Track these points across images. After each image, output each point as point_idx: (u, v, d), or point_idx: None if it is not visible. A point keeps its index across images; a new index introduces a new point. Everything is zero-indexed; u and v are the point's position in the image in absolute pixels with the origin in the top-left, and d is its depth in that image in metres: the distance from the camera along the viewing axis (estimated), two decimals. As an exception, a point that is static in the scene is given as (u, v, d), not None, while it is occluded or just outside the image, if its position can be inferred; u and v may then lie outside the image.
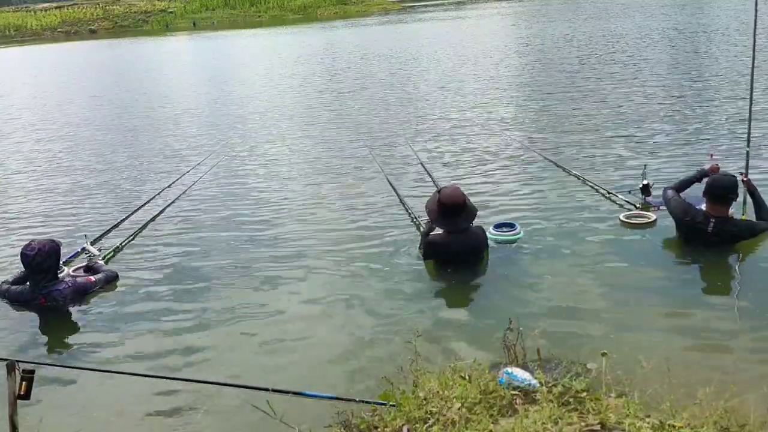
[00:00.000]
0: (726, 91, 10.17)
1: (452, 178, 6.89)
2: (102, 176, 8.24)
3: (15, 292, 4.63)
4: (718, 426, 2.60)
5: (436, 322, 4.02)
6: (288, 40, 31.33)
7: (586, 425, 2.63)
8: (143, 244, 5.72)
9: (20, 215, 6.91)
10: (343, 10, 49.38)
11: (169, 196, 6.91)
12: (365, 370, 3.50)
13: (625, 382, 2.90)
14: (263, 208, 6.46)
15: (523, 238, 5.08)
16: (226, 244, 5.58)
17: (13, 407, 2.55)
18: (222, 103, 13.82)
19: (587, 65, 14.08)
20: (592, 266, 4.60)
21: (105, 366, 3.79)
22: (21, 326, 4.40)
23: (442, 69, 15.80)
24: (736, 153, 6.79)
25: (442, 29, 28.44)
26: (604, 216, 5.46)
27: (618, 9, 27.36)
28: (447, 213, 4.60)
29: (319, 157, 8.31)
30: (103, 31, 49.69)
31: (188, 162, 8.47)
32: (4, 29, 49.82)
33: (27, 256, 4.47)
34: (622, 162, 7.00)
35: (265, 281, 4.80)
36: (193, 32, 41.54)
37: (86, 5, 54.61)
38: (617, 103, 10.03)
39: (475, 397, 2.84)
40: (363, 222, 5.80)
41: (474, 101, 11.31)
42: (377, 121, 10.37)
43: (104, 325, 4.31)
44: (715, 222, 4.54)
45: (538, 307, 4.07)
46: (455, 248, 4.64)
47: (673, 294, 4.17)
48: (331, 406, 3.01)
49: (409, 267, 4.81)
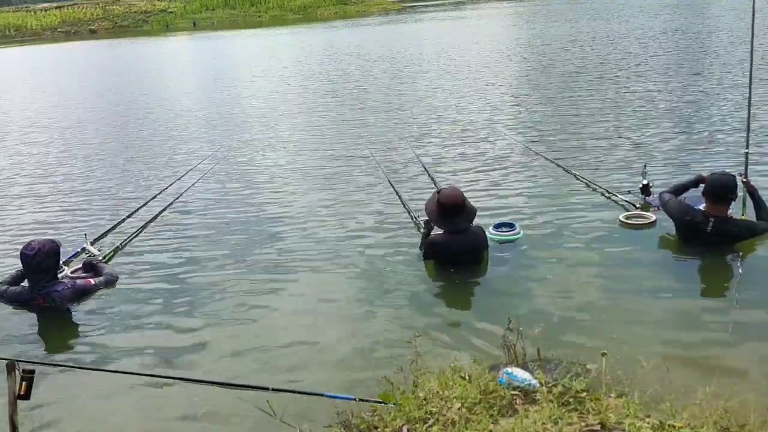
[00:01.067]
0: (726, 91, 10.16)
1: (452, 178, 6.89)
2: (102, 176, 8.24)
3: (14, 293, 4.60)
4: (718, 426, 2.60)
5: (436, 322, 4.02)
6: (288, 40, 31.34)
7: (586, 425, 2.63)
8: (143, 244, 5.72)
9: (20, 215, 6.91)
10: (343, 10, 49.41)
11: (170, 196, 6.90)
12: (365, 370, 3.50)
13: (625, 382, 2.90)
14: (263, 208, 6.46)
15: (523, 238, 5.08)
16: (226, 244, 5.58)
17: (13, 407, 2.55)
18: (222, 103, 13.82)
19: (587, 65, 14.08)
20: (592, 266, 4.61)
21: (105, 366, 3.79)
22: (21, 326, 4.40)
23: (442, 69, 15.80)
24: (733, 151, 6.81)
25: (442, 29, 28.46)
26: (604, 216, 5.46)
27: (618, 10, 27.36)
28: (446, 213, 4.61)
29: (319, 158, 8.31)
30: (103, 31, 49.72)
31: (188, 162, 8.47)
32: (4, 29, 49.84)
33: (27, 255, 4.44)
34: (622, 162, 6.99)
35: (265, 281, 4.80)
36: (193, 32, 41.54)
37: (86, 5, 54.63)
38: (618, 103, 10.03)
39: (475, 397, 2.84)
40: (363, 222, 5.80)
41: (474, 101, 11.31)
42: (378, 121, 10.37)
43: (104, 325, 4.31)
44: (714, 221, 4.54)
45: (538, 307, 4.07)
46: (455, 248, 4.64)
47: (672, 294, 4.17)
48: (331, 406, 3.01)
49: (409, 267, 4.81)
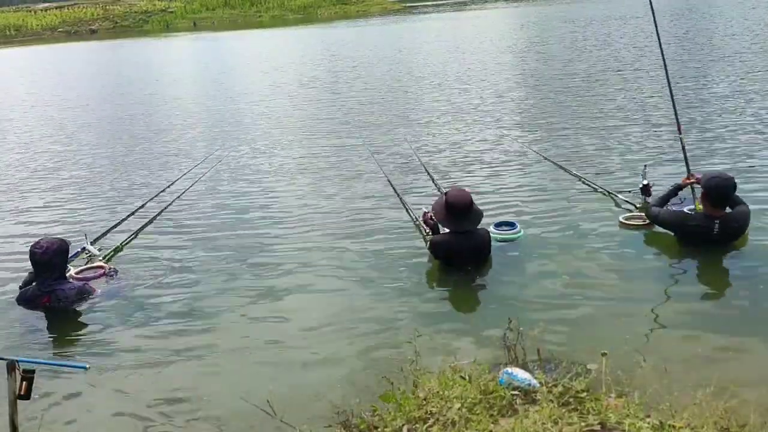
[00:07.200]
0: (727, 92, 10.16)
1: (453, 177, 6.89)
2: (102, 176, 8.24)
3: (20, 292, 4.68)
4: (718, 426, 2.60)
5: (436, 322, 4.02)
6: (288, 40, 31.33)
7: (586, 425, 2.63)
8: (143, 244, 5.72)
9: (21, 215, 6.90)
10: (344, 10, 49.35)
11: (170, 196, 6.90)
12: (365, 370, 3.50)
13: (625, 382, 2.90)
14: (263, 208, 6.46)
15: (523, 238, 5.09)
16: (226, 244, 5.58)
17: (13, 407, 2.55)
18: (222, 104, 13.81)
19: (588, 66, 14.07)
20: (592, 266, 4.61)
21: (105, 366, 3.79)
22: (21, 326, 4.41)
23: (442, 69, 15.79)
24: (730, 151, 6.83)
25: (442, 30, 28.44)
26: (604, 216, 5.46)
27: (619, 10, 27.35)
28: (453, 213, 4.63)
29: (319, 158, 8.30)
30: (104, 31, 49.66)
31: (188, 162, 8.47)
32: (5, 29, 49.77)
33: (35, 253, 4.52)
34: (622, 162, 6.99)
35: (265, 281, 4.80)
36: (193, 32, 41.53)
37: (86, 5, 54.54)
38: (618, 103, 10.02)
39: (475, 397, 2.84)
40: (363, 222, 5.80)
41: (474, 101, 11.30)
42: (377, 121, 10.36)
43: (104, 325, 4.31)
44: (719, 222, 4.55)
45: (538, 307, 4.08)
46: (458, 248, 4.65)
47: (672, 294, 4.18)
48: (331, 406, 3.02)
49: (409, 267, 4.82)
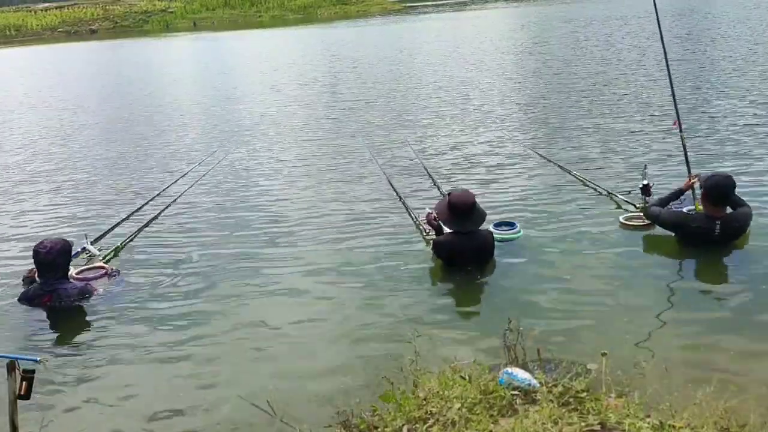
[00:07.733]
0: (727, 93, 10.16)
1: (453, 177, 6.89)
2: (102, 177, 8.23)
3: (22, 291, 4.70)
4: (718, 426, 2.60)
5: (436, 322, 4.02)
6: (288, 40, 31.33)
7: (586, 425, 2.62)
8: (143, 244, 5.72)
9: (21, 215, 6.90)
10: (344, 10, 49.34)
11: (170, 196, 6.89)
12: (365, 370, 3.50)
13: (625, 382, 2.90)
14: (263, 208, 6.46)
15: (523, 238, 5.08)
16: (225, 244, 5.58)
17: (13, 407, 2.55)
18: (222, 104, 13.81)
19: (588, 66, 14.07)
20: (592, 266, 4.61)
21: (105, 366, 3.80)
22: (22, 325, 4.41)
23: (443, 70, 15.80)
24: (730, 152, 6.83)
25: (443, 30, 28.45)
26: (604, 216, 5.46)
27: (619, 10, 27.35)
28: (456, 214, 4.63)
29: (319, 158, 8.31)
30: (104, 31, 49.66)
31: (188, 163, 8.47)
32: (5, 29, 49.76)
33: (39, 253, 4.54)
34: (622, 162, 6.99)
35: (266, 281, 4.80)
36: (193, 32, 41.54)
37: (86, 5, 54.53)
38: (618, 103, 10.02)
39: (475, 397, 2.84)
40: (363, 223, 5.80)
41: (474, 101, 11.30)
42: (378, 122, 10.36)
43: (104, 326, 4.31)
44: (721, 223, 4.55)
45: (538, 307, 4.08)
46: (460, 249, 4.65)
47: (672, 294, 4.18)
48: (331, 406, 3.01)
49: (409, 267, 4.81)
